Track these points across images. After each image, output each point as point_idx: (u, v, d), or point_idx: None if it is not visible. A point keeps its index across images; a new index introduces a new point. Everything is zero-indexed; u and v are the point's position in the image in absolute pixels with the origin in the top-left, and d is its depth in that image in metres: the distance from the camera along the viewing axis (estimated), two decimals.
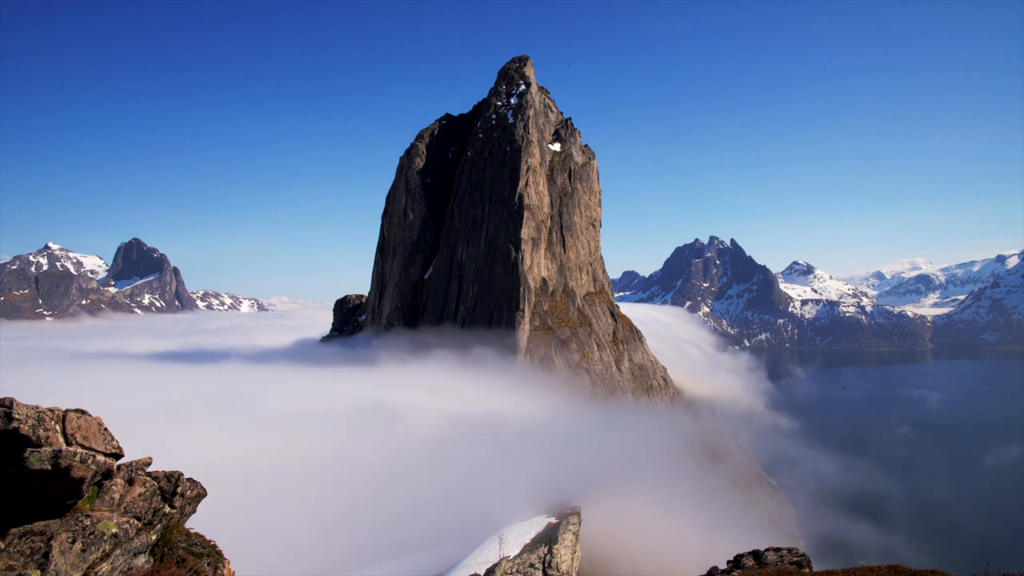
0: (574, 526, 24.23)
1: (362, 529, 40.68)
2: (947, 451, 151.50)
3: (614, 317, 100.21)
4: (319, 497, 45.40)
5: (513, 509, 41.06)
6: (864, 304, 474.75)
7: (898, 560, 14.57)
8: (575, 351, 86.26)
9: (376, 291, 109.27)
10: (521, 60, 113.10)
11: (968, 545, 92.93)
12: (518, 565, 20.61)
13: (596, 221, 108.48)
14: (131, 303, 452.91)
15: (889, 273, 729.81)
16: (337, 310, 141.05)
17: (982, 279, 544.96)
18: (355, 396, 74.09)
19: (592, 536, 44.18)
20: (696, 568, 24.90)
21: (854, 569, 13.81)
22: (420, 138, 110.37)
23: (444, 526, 39.74)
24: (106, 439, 8.83)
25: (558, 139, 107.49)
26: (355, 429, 61.74)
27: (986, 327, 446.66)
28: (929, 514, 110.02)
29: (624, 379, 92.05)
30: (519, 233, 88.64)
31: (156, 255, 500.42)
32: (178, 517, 10.12)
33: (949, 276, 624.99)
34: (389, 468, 52.64)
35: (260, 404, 68.70)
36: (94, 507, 8.72)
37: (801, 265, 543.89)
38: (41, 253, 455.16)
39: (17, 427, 7.68)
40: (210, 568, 9.60)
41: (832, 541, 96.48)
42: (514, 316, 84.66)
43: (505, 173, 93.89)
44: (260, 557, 31.81)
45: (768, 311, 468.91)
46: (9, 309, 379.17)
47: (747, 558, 17.24)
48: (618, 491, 58.96)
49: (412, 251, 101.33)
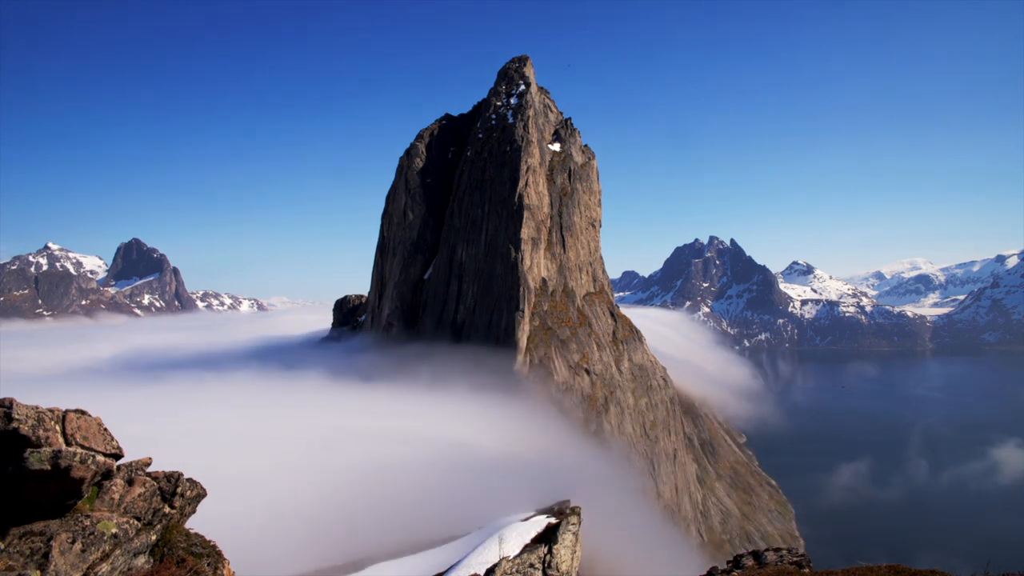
0: (574, 526, 24.22)
1: (362, 530, 40.71)
2: (947, 451, 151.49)
3: (614, 317, 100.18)
4: (319, 498, 45.43)
5: (513, 509, 41.07)
6: (864, 304, 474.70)
7: (898, 560, 14.57)
8: (575, 351, 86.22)
9: (376, 291, 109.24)
10: (521, 60, 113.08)
11: (968, 545, 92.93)
12: (518, 565, 20.59)
13: (596, 221, 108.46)
14: (131, 303, 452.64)
15: (889, 273, 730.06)
16: (337, 310, 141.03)
17: (982, 279, 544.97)
18: (353, 399, 74.10)
19: (592, 536, 44.20)
20: (696, 568, 24.90)
21: (854, 569, 13.81)
22: (420, 138, 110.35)
23: (444, 527, 39.76)
24: (106, 439, 8.82)
25: (558, 139, 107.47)
26: (355, 429, 61.74)
27: (986, 327, 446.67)
28: (929, 514, 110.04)
29: (624, 379, 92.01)
30: (519, 233, 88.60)
31: (156, 255, 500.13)
32: (178, 517, 10.11)
33: (949, 276, 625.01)
34: (389, 469, 52.64)
35: (260, 409, 68.67)
36: (94, 507, 8.72)
37: (801, 265, 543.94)
38: (41, 253, 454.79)
39: (17, 427, 7.67)
40: (210, 568, 9.60)
41: (832, 541, 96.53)
42: (514, 316, 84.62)
43: (505, 173, 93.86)
44: (260, 557, 31.83)
45: (768, 311, 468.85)
46: (9, 309, 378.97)
47: (747, 558, 17.23)
48: (618, 491, 59.01)
49: (412, 251, 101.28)
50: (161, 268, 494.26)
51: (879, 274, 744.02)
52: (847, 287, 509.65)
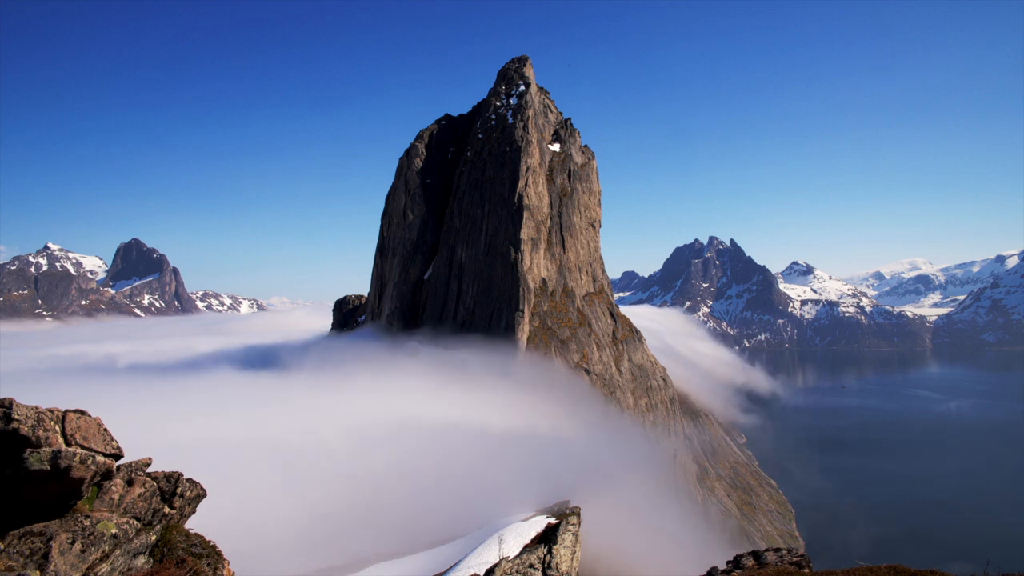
0: (574, 526, 24.20)
1: (362, 530, 40.70)
2: (947, 451, 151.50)
3: (613, 317, 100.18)
4: (319, 499, 45.41)
5: (513, 509, 41.07)
6: (864, 304, 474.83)
7: (898, 560, 14.56)
8: (575, 351, 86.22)
9: (376, 291, 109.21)
10: (521, 60, 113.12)
11: (968, 545, 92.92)
12: (518, 565, 20.59)
13: (595, 221, 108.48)
14: (131, 304, 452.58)
15: (889, 273, 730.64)
16: (337, 310, 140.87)
17: (982, 279, 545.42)
18: (355, 399, 74.08)
19: (592, 536, 44.20)
20: (696, 568, 24.91)
21: (854, 569, 13.81)
22: (420, 138, 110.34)
23: (444, 527, 39.75)
24: (106, 439, 8.81)
25: (558, 139, 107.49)
26: (355, 431, 61.71)
27: (985, 327, 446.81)
28: (929, 514, 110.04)
29: (623, 379, 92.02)
30: (518, 233, 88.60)
31: (156, 255, 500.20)
32: (178, 518, 10.10)
33: (949, 276, 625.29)
34: (389, 470, 52.64)
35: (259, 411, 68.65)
36: (94, 508, 8.71)
37: (801, 265, 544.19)
38: (40, 253, 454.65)
39: (17, 427, 7.66)
40: (210, 568, 9.59)
41: (832, 541, 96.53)
42: (514, 316, 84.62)
43: (505, 173, 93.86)
44: (260, 558, 31.82)
45: (768, 311, 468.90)
46: (8, 309, 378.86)
47: (747, 558, 17.23)
48: (618, 492, 59.01)
49: (412, 251, 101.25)
50: (161, 268, 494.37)
51: (879, 274, 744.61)
52: (847, 287, 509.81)
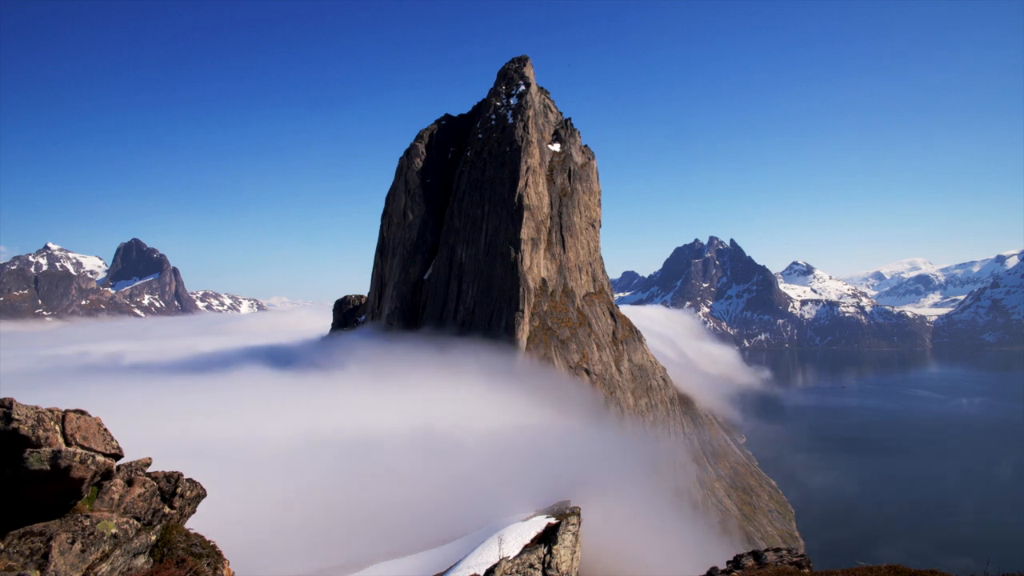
0: (574, 526, 24.20)
1: (362, 530, 40.69)
2: (947, 451, 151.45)
3: (613, 317, 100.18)
4: (319, 499, 45.40)
5: (513, 509, 41.08)
6: (864, 304, 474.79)
7: (898, 560, 14.57)
8: (575, 351, 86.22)
9: (376, 291, 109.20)
10: (521, 61, 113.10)
11: (968, 545, 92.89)
12: (517, 566, 20.58)
13: (596, 221, 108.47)
14: (131, 304, 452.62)
15: (889, 273, 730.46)
16: (337, 310, 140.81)
17: (982, 279, 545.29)
18: (354, 399, 74.08)
19: (592, 536, 44.19)
20: (696, 568, 24.91)
21: (854, 569, 13.81)
22: (420, 138, 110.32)
23: (444, 527, 39.74)
24: (106, 439, 8.81)
25: (558, 139, 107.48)
26: (355, 432, 61.72)
27: (985, 327, 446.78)
28: (929, 514, 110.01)
29: (624, 379, 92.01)
30: (519, 233, 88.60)
31: (156, 255, 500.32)
32: (178, 518, 10.10)
33: (949, 276, 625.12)
34: (389, 470, 52.64)
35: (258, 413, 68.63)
36: (94, 507, 8.71)
37: (801, 265, 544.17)
38: (41, 253, 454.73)
39: (17, 427, 7.66)
40: (210, 568, 9.58)
41: (832, 541, 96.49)
42: (514, 316, 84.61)
43: (505, 173, 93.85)
44: (260, 558, 31.81)
45: (768, 311, 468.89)
46: (9, 309, 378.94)
47: (747, 558, 17.23)
48: (618, 492, 59.00)
49: (412, 251, 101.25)
50: (161, 268, 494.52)
51: (879, 274, 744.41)
52: (847, 287, 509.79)
